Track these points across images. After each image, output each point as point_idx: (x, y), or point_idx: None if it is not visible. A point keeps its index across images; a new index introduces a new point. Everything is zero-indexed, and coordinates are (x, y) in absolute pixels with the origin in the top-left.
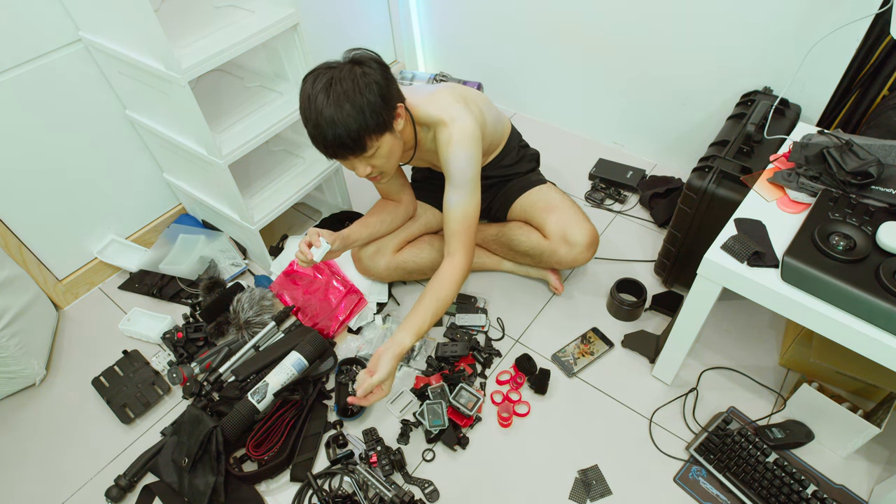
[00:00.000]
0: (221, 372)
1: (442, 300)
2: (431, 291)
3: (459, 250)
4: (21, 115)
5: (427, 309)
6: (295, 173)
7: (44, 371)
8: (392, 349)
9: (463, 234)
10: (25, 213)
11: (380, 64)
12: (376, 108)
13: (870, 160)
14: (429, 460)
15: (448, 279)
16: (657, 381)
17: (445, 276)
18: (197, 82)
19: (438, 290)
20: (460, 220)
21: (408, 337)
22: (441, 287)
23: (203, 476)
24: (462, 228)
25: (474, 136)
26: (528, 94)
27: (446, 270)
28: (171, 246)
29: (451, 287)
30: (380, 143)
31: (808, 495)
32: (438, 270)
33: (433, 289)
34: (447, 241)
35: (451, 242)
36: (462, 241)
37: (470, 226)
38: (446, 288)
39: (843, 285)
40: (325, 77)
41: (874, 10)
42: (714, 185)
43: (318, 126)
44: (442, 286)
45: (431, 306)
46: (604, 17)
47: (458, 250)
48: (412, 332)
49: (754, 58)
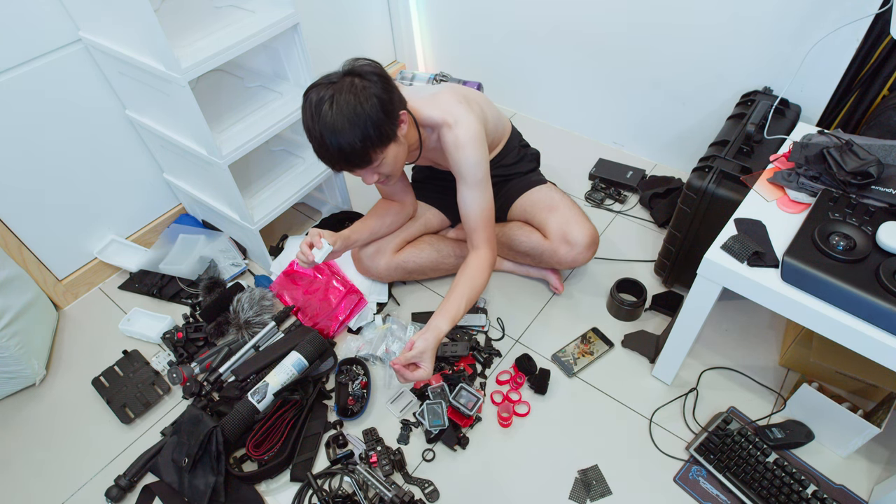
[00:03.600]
0: (221, 372)
1: (475, 288)
2: (463, 282)
3: (483, 243)
4: (21, 115)
5: (461, 296)
6: (295, 173)
7: (44, 371)
8: (429, 332)
9: (483, 228)
10: (25, 213)
11: (380, 75)
12: (379, 123)
13: (870, 160)
14: (429, 460)
15: (479, 267)
16: (657, 381)
17: (475, 266)
18: (197, 82)
19: (472, 278)
20: (478, 217)
21: (444, 322)
22: (474, 275)
23: (203, 476)
24: (482, 224)
25: (479, 136)
26: (528, 94)
27: (475, 261)
28: (171, 246)
29: (482, 275)
30: (385, 154)
31: (808, 495)
32: (466, 262)
33: (466, 276)
34: (470, 236)
35: (473, 237)
36: (484, 235)
37: (488, 220)
38: (479, 276)
39: (843, 285)
40: (326, 93)
41: (874, 10)
42: (714, 185)
43: (322, 143)
44: (475, 274)
45: (466, 294)
46: (604, 17)
47: (482, 243)
48: (448, 317)
49: (754, 58)
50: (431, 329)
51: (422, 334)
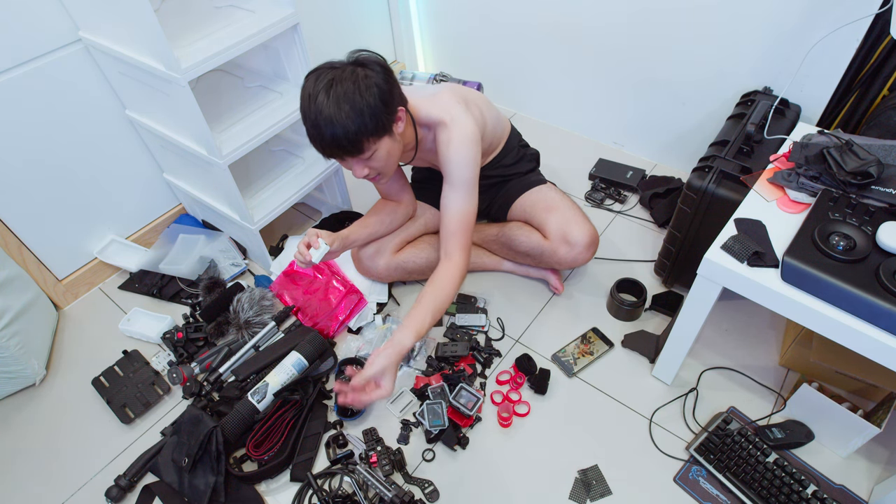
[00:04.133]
0: (221, 372)
1: (441, 300)
2: (430, 292)
3: (457, 251)
4: (21, 115)
5: (426, 309)
6: (295, 173)
7: (44, 371)
8: (390, 348)
9: (460, 235)
10: (25, 213)
11: (383, 67)
12: (376, 112)
13: (870, 160)
14: (429, 460)
15: (447, 279)
16: (657, 381)
17: (444, 276)
18: (197, 82)
19: (437, 291)
20: (458, 221)
21: (407, 337)
22: (440, 287)
23: (203, 476)
24: (459, 229)
25: (473, 137)
26: (528, 94)
27: (445, 270)
28: (171, 246)
29: (449, 287)
30: (377, 146)
31: (808, 495)
32: (436, 271)
33: (432, 289)
34: (444, 241)
35: (448, 243)
36: (459, 243)
37: (467, 227)
38: (445, 288)
39: (843, 285)
40: (326, 77)
41: (874, 10)
42: (714, 185)
43: (316, 125)
44: (441, 286)
45: (431, 306)
46: (604, 17)
47: (456, 251)
48: (412, 331)
49: (754, 58)
50: (394, 344)
51: (383, 350)
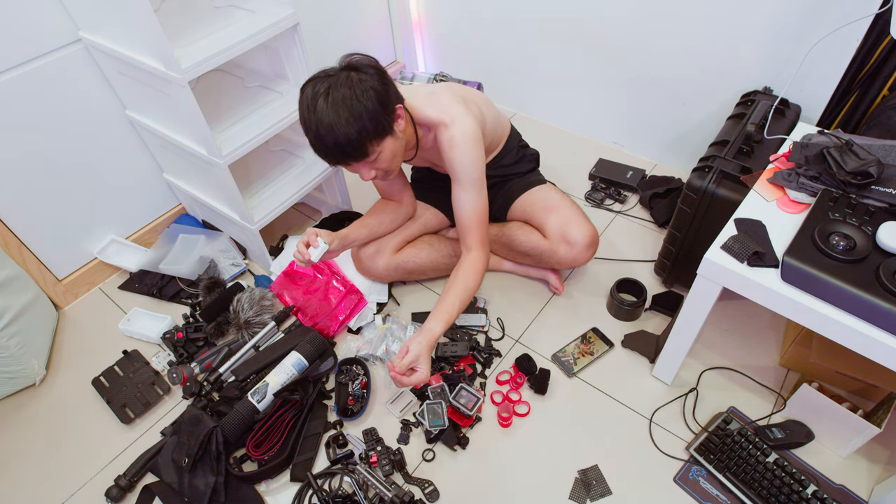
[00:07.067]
0: (221, 372)
1: (468, 289)
2: (458, 281)
3: (476, 245)
4: (21, 115)
5: (455, 297)
6: (295, 173)
7: (44, 371)
8: (421, 335)
9: (476, 230)
10: (25, 213)
11: (376, 68)
12: (374, 114)
13: (870, 160)
14: (429, 460)
15: (471, 270)
16: (657, 381)
17: (468, 268)
18: (197, 82)
19: (465, 280)
20: (472, 218)
21: (438, 324)
22: (467, 276)
23: (203, 476)
24: (475, 225)
25: (475, 136)
26: (528, 94)
27: (468, 263)
28: (171, 246)
29: (475, 276)
30: (381, 148)
31: (808, 495)
32: (460, 263)
33: (459, 278)
34: (462, 237)
35: (466, 238)
36: (478, 237)
37: (482, 221)
38: (471, 277)
39: (843, 285)
40: (322, 85)
41: (874, 10)
42: (714, 185)
43: (318, 135)
44: (467, 275)
45: (460, 295)
46: (604, 17)
47: (475, 245)
48: (441, 319)
49: (754, 58)
50: (425, 332)
51: (415, 338)
